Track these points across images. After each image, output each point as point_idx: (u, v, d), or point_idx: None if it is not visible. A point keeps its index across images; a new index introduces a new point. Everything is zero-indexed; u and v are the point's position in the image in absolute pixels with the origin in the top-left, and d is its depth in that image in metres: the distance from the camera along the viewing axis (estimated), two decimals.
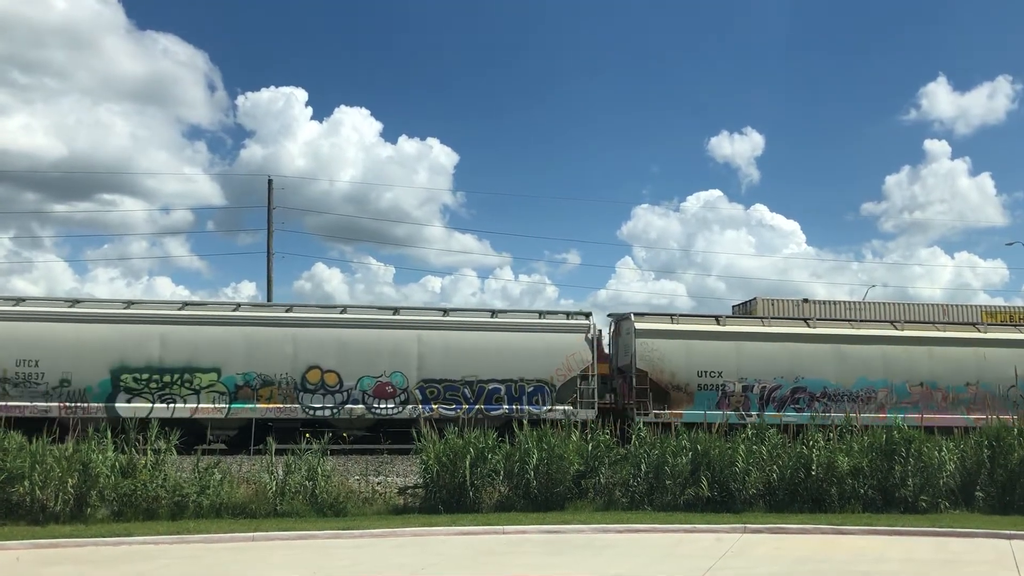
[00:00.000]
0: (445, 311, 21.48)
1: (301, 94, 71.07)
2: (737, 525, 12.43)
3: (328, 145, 72.57)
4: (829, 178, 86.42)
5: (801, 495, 13.91)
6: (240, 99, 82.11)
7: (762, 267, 69.92)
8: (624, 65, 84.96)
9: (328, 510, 13.27)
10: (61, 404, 18.78)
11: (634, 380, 21.11)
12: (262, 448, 15.24)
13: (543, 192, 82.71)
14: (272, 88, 77.16)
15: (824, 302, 31.79)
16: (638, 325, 21.57)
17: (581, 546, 11.27)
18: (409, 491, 14.19)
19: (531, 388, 20.57)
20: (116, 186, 69.09)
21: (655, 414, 20.62)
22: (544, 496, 13.81)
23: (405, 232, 71.83)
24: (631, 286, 72.33)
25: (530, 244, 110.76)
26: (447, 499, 13.63)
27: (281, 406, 19.62)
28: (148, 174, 65.91)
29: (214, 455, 15.55)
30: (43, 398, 18.79)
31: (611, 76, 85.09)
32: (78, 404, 18.84)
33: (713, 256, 72.97)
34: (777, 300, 31.36)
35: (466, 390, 20.36)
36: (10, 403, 18.60)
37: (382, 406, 20.05)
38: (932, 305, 33.18)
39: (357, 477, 14.55)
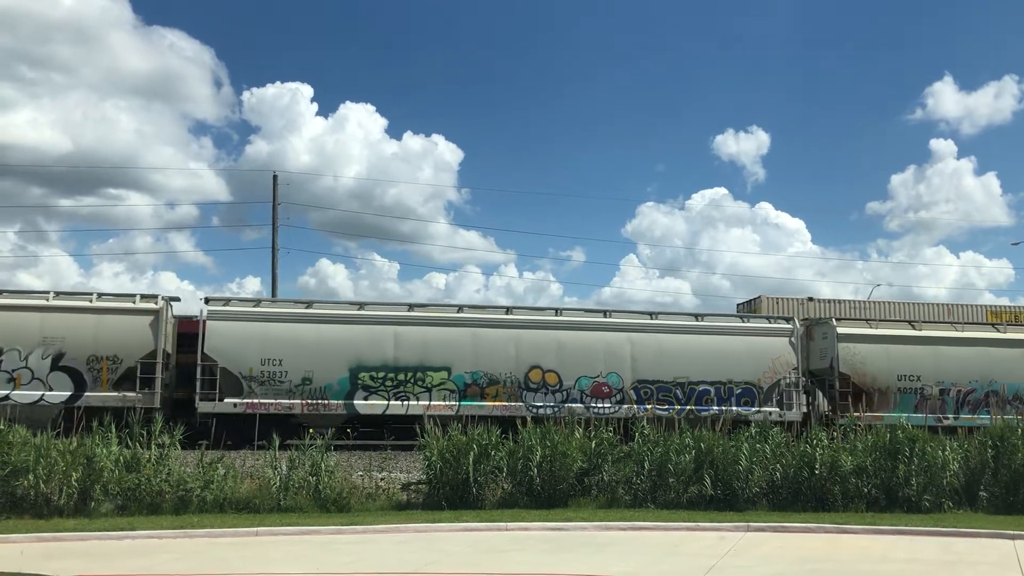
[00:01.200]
0: (652, 314, 21.97)
1: (306, 90, 70.98)
2: (740, 524, 12.43)
3: (333, 141, 72.59)
4: (834, 177, 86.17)
5: (804, 494, 13.92)
6: (246, 95, 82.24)
7: (767, 265, 69.70)
8: (630, 62, 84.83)
9: (331, 506, 13.31)
10: (303, 401, 19.20)
11: (837, 383, 21.47)
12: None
13: (548, 189, 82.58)
14: (278, 84, 76.94)
15: (829, 301, 31.78)
16: (840, 329, 21.96)
17: (584, 543, 11.27)
18: (412, 487, 14.22)
19: (739, 390, 21.05)
20: (122, 181, 69.14)
21: (857, 416, 20.85)
22: (547, 493, 13.83)
23: (410, 228, 71.57)
24: (635, 284, 72.20)
25: (535, 241, 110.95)
26: (450, 495, 13.65)
27: (507, 404, 20.06)
28: (154, 169, 66.06)
29: (218, 450, 15.59)
30: (286, 395, 19.18)
31: (616, 73, 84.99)
32: (319, 401, 19.27)
33: (718, 254, 72.97)
34: (782, 299, 31.39)
35: (678, 391, 20.81)
36: (255, 400, 19.01)
37: (599, 405, 20.41)
38: (937, 305, 33.12)
39: (360, 473, 14.58)
